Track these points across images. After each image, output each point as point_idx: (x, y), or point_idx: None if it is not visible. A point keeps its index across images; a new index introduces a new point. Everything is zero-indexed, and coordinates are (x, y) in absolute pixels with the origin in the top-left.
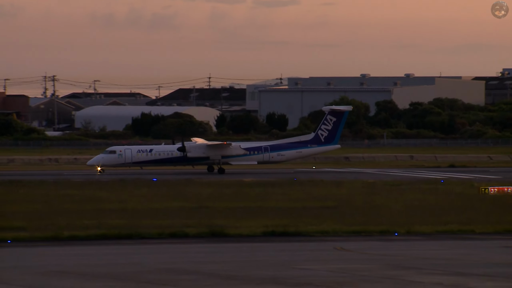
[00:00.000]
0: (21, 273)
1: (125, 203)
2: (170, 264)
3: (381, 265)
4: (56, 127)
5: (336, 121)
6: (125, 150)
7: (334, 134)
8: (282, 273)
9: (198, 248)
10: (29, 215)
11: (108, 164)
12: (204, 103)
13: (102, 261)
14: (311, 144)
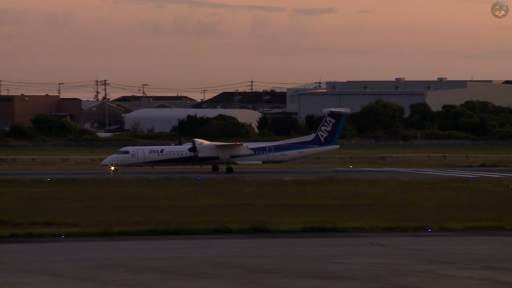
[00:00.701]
0: (74, 267)
1: (172, 200)
2: (214, 258)
3: (415, 259)
4: (107, 129)
5: (335, 122)
6: (138, 151)
7: (333, 135)
8: (321, 267)
9: (241, 243)
10: (81, 211)
11: (121, 164)
12: (246, 105)
13: (151, 255)
14: (311, 144)
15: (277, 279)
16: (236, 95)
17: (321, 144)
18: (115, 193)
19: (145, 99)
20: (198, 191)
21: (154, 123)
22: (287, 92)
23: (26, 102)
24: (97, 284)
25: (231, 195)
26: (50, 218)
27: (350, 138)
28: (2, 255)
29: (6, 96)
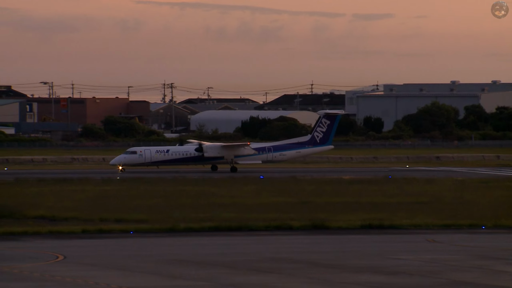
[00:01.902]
0: (142, 261)
1: (235, 198)
2: (276, 254)
3: (469, 256)
4: (173, 130)
5: (330, 123)
6: (145, 151)
7: (328, 136)
8: (378, 263)
9: (301, 239)
10: (149, 208)
11: (129, 164)
12: (307, 107)
13: (215, 250)
14: (308, 145)
15: (336, 274)
16: (296, 97)
17: (316, 145)
18: (181, 191)
19: (210, 101)
20: (260, 189)
21: (218, 124)
22: (345, 95)
23: (97, 104)
24: (164, 278)
25: (292, 193)
26: (119, 215)
27: (407, 138)
28: (74, 250)
29: (78, 99)
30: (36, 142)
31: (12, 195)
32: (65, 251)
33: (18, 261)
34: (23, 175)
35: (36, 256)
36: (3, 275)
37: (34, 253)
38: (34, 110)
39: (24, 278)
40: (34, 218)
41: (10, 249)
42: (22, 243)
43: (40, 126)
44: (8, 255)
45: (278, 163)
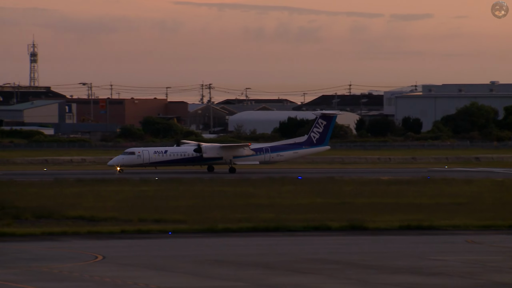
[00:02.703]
0: (181, 262)
1: (273, 198)
2: (314, 255)
3: (509, 257)
4: (211, 130)
5: (326, 124)
6: (143, 151)
7: (324, 136)
8: (417, 264)
9: (340, 240)
10: (188, 209)
11: (127, 164)
12: (345, 108)
13: (253, 251)
14: (305, 145)
15: (374, 275)
16: (335, 98)
17: (313, 145)
18: (219, 191)
19: (248, 102)
20: (298, 190)
21: (256, 125)
22: (384, 95)
23: (135, 105)
24: (202, 279)
25: (330, 194)
26: (158, 215)
27: (445, 139)
28: (112, 250)
29: (117, 100)
30: (75, 142)
31: (52, 195)
32: (104, 251)
33: (57, 261)
34: (62, 176)
35: (75, 256)
36: (43, 275)
37: (74, 253)
38: (73, 111)
39: (64, 278)
40: (73, 219)
41: (50, 249)
42: (61, 243)
43: (79, 126)
44: (48, 255)
45: (276, 164)
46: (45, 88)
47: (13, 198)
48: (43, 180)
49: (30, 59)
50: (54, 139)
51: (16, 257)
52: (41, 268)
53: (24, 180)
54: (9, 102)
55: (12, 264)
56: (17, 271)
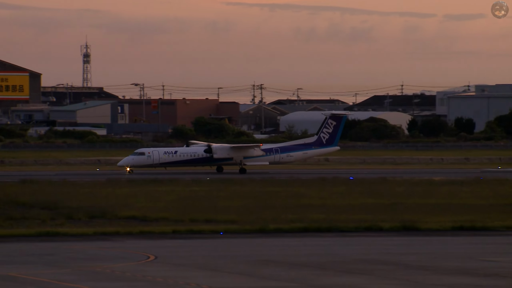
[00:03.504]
0: (232, 262)
1: (324, 199)
2: (366, 255)
3: None
4: (263, 131)
5: (336, 124)
6: (153, 152)
7: (334, 137)
8: (470, 265)
9: (392, 241)
10: (239, 209)
11: (137, 165)
12: (397, 108)
13: (304, 251)
14: (314, 146)
15: (427, 276)
16: (386, 98)
17: (323, 146)
18: (270, 192)
19: (299, 102)
20: (349, 190)
21: (307, 125)
22: (436, 95)
23: (187, 106)
24: (254, 279)
25: (381, 195)
26: (209, 216)
27: (499, 139)
28: (164, 250)
29: (169, 100)
30: (127, 143)
31: (104, 195)
32: (156, 251)
33: (110, 261)
34: (114, 176)
35: (128, 256)
36: (96, 274)
37: (126, 253)
38: (125, 111)
39: (116, 278)
40: (126, 219)
41: (103, 249)
42: (114, 243)
43: (131, 127)
44: (101, 255)
45: (285, 164)
46: (97, 88)
47: (66, 198)
48: (96, 180)
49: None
50: (106, 140)
51: (69, 257)
52: (94, 268)
53: (77, 180)
54: (62, 103)
55: (65, 264)
56: (70, 271)
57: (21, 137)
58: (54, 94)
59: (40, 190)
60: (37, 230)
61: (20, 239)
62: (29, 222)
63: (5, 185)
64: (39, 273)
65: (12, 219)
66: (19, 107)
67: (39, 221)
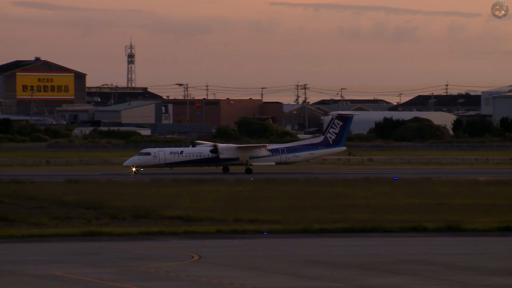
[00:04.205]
0: (276, 262)
1: (368, 199)
2: (410, 256)
3: None
4: (306, 131)
5: (342, 125)
6: (159, 152)
7: (341, 137)
8: None
9: (436, 241)
10: (283, 209)
11: (143, 165)
12: (441, 108)
13: (349, 252)
14: (321, 146)
15: (472, 276)
16: (431, 98)
17: (329, 146)
18: (314, 192)
19: (343, 102)
20: (394, 190)
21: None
22: (481, 95)
23: (231, 106)
24: (298, 279)
25: (426, 195)
26: (253, 216)
27: None
28: (208, 250)
29: (213, 100)
30: (171, 143)
31: (149, 195)
32: (200, 251)
33: (154, 261)
34: (159, 176)
35: (172, 256)
36: (140, 274)
37: (170, 252)
38: (169, 111)
39: (161, 278)
40: (170, 218)
41: (147, 248)
42: (158, 243)
43: (175, 127)
44: (145, 255)
45: (291, 164)
46: (142, 89)
47: (111, 198)
48: (140, 180)
49: (128, 60)
50: (150, 140)
51: (114, 256)
52: (138, 267)
53: (122, 180)
54: (107, 103)
55: (110, 263)
56: (115, 271)
57: (66, 137)
58: (99, 94)
59: (85, 190)
60: (82, 229)
61: (65, 239)
62: (74, 222)
63: (50, 185)
64: (83, 273)
65: (57, 219)
66: (64, 107)
67: (84, 220)
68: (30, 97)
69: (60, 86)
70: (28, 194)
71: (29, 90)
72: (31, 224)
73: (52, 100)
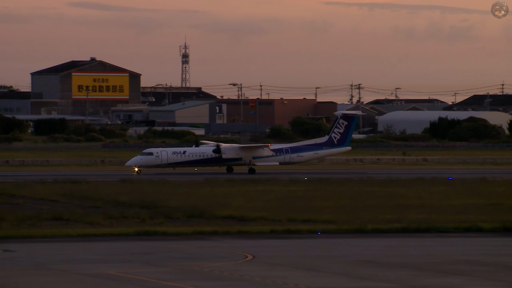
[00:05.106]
0: (330, 262)
1: (423, 199)
2: (465, 256)
3: None
4: (361, 131)
5: (347, 124)
6: (161, 152)
7: (345, 137)
8: None
9: (492, 241)
10: (337, 209)
11: (145, 165)
12: (497, 108)
13: (403, 252)
14: (325, 146)
15: None
16: (487, 97)
17: (334, 146)
18: (368, 192)
19: (398, 102)
20: (448, 190)
21: (406, 125)
22: None
23: (285, 106)
24: (351, 279)
25: (481, 195)
26: (307, 215)
27: None
28: (262, 250)
29: (266, 100)
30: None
31: (203, 195)
32: (253, 251)
33: (208, 260)
34: (212, 176)
35: (226, 256)
36: (194, 273)
37: (224, 252)
38: (223, 111)
39: (215, 277)
40: (224, 218)
41: (201, 248)
42: (212, 243)
43: (229, 127)
44: (199, 254)
45: (295, 164)
46: (196, 89)
47: (165, 197)
48: (194, 179)
49: (182, 60)
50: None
51: (168, 256)
52: (192, 267)
53: (176, 180)
54: (161, 103)
55: (164, 262)
56: (169, 270)
57: (121, 137)
58: (153, 94)
59: (139, 190)
60: (136, 229)
61: (119, 238)
62: (128, 221)
63: (105, 184)
64: (138, 272)
65: (112, 218)
66: (119, 107)
67: (138, 220)
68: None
69: (115, 86)
70: (83, 194)
71: (84, 90)
72: (86, 224)
73: (107, 100)
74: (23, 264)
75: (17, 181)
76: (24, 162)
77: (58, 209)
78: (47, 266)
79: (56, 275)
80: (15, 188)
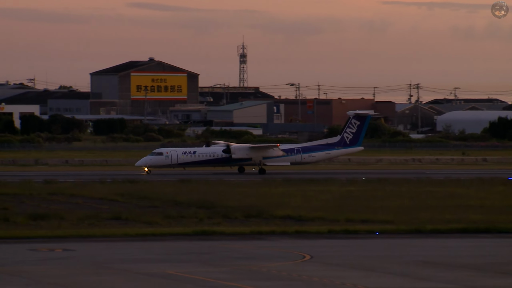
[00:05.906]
0: (388, 262)
1: (482, 199)
2: None
3: None
4: (419, 131)
5: (360, 124)
6: (171, 152)
7: (358, 137)
8: None
9: None
10: (395, 209)
11: (155, 165)
12: None
13: (461, 252)
14: (337, 146)
15: None
16: None
17: (346, 146)
18: (427, 192)
19: (457, 101)
20: (508, 191)
21: (465, 125)
22: None
23: (343, 105)
24: (410, 280)
25: None
26: (365, 216)
27: None
28: (320, 250)
29: (324, 100)
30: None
31: (260, 195)
32: (311, 251)
33: (266, 260)
34: (267, 176)
35: (283, 256)
36: (252, 273)
37: (282, 252)
38: (281, 111)
39: (272, 277)
40: (281, 218)
41: (259, 248)
42: (270, 243)
43: (286, 127)
44: (257, 254)
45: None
46: (254, 88)
47: (223, 197)
48: (251, 179)
49: (240, 60)
50: (262, 139)
51: (226, 255)
52: (249, 266)
53: (233, 179)
54: (219, 103)
55: (222, 262)
56: (227, 270)
57: (179, 137)
58: (211, 94)
59: (197, 189)
60: (194, 228)
61: (177, 238)
62: (186, 221)
63: (163, 184)
64: (195, 271)
65: (170, 218)
66: (177, 107)
67: (196, 219)
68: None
69: (173, 86)
70: (142, 194)
71: (143, 90)
72: (144, 223)
73: (165, 100)
74: (82, 263)
75: (76, 181)
76: (83, 162)
77: (117, 208)
78: (107, 265)
79: (116, 274)
80: (75, 187)
